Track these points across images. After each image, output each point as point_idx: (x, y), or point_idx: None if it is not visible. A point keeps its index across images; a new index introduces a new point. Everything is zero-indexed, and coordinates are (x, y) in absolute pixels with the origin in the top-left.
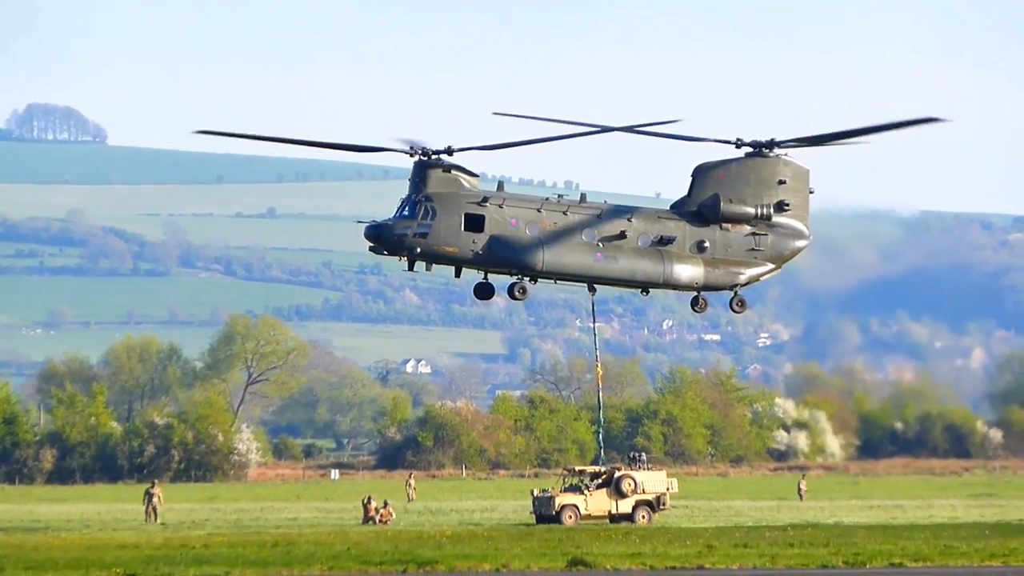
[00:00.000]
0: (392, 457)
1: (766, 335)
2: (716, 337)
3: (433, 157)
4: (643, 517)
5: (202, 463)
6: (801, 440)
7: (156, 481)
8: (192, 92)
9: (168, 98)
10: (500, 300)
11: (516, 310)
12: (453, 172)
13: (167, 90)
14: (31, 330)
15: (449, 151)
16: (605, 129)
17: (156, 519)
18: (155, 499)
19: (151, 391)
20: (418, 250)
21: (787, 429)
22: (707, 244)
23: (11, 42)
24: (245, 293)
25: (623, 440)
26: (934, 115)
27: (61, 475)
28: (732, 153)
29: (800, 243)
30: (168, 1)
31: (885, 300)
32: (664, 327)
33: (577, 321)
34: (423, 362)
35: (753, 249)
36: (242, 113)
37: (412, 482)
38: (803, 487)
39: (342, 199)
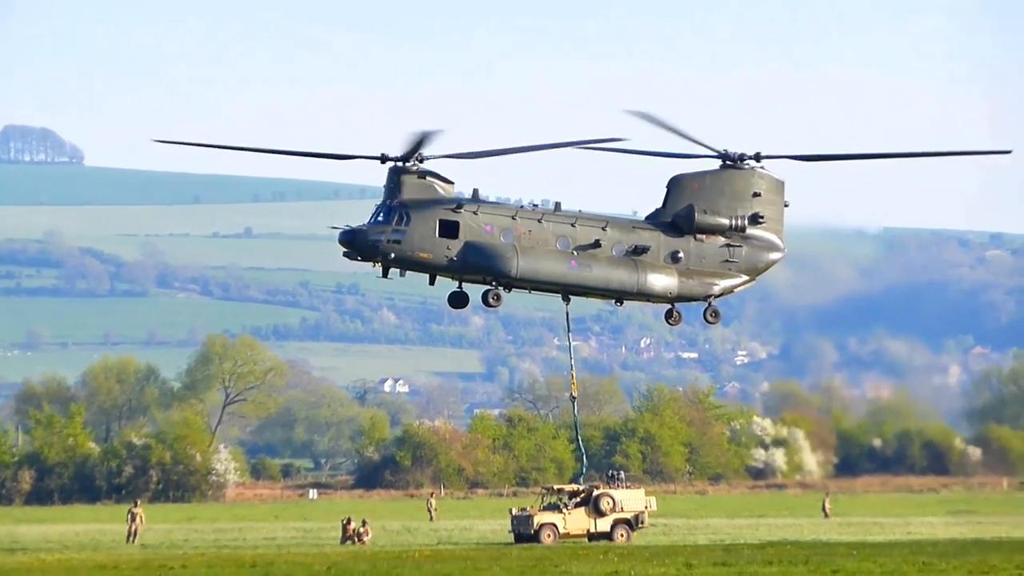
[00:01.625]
0: (370, 477)
1: (744, 353)
2: (694, 355)
3: (408, 164)
4: (622, 535)
5: (180, 483)
6: (779, 457)
7: (138, 501)
8: (169, 113)
9: (145, 119)
10: (478, 319)
11: (494, 329)
12: (428, 178)
13: (143, 111)
14: (8, 351)
15: (420, 158)
16: (562, 145)
17: (136, 540)
18: (137, 519)
19: (129, 412)
20: (392, 256)
21: (765, 447)
22: (681, 255)
23: None
24: (222, 313)
25: (601, 458)
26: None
27: (39, 496)
28: (708, 165)
29: (774, 255)
30: (145, 23)
31: (863, 317)
32: (642, 345)
33: (555, 340)
34: (401, 381)
35: (727, 260)
36: (220, 133)
37: (433, 501)
38: (828, 505)
39: (319, 218)
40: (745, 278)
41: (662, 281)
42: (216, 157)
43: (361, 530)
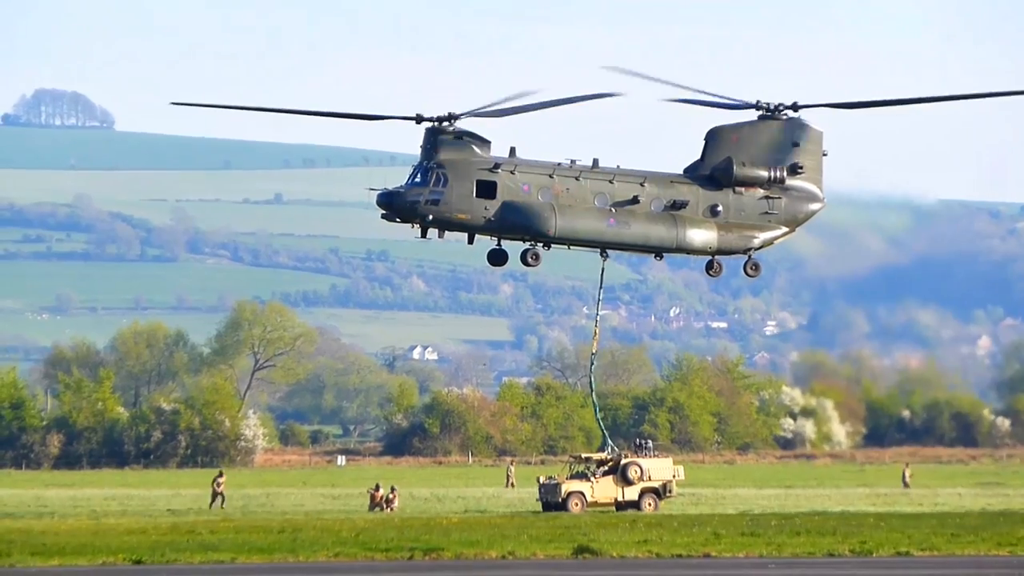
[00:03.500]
0: (398, 444)
1: (773, 323)
2: (723, 325)
3: (444, 124)
4: (649, 504)
5: (209, 449)
6: (808, 428)
7: (223, 471)
8: (201, 78)
9: (176, 84)
10: (507, 287)
11: (523, 297)
12: (464, 138)
13: (175, 75)
14: (38, 315)
15: (451, 117)
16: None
17: (222, 503)
18: (221, 486)
19: (158, 377)
20: (430, 217)
21: (794, 417)
22: (720, 208)
23: (19, 27)
24: (252, 279)
25: (629, 428)
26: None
27: (68, 460)
28: (746, 116)
29: (814, 206)
30: None
31: (893, 288)
32: (671, 314)
33: (584, 308)
34: (430, 349)
35: (767, 212)
36: (251, 96)
37: (512, 468)
38: (908, 474)
39: (349, 185)
40: (785, 229)
41: (701, 236)
42: (246, 123)
43: (390, 496)
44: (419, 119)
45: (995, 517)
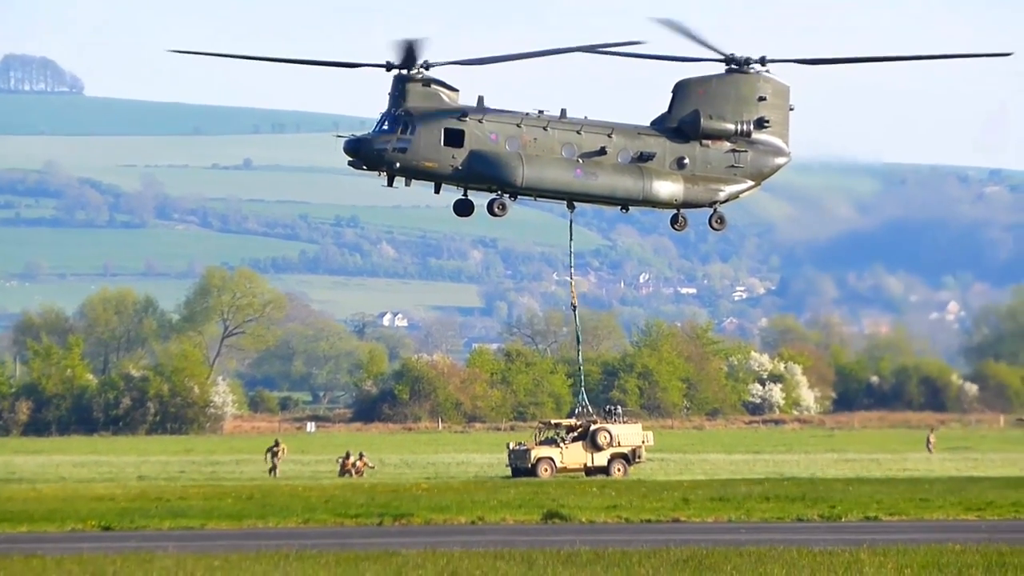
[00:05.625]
0: (368, 410)
1: (742, 288)
2: (692, 291)
3: (413, 72)
4: (619, 470)
5: (178, 416)
6: (776, 393)
7: (279, 440)
8: (170, 43)
9: (145, 49)
10: (477, 253)
11: (493, 263)
12: (433, 86)
13: (144, 41)
14: (7, 282)
15: (426, 65)
16: (571, 50)
17: (276, 473)
18: (280, 454)
19: (127, 343)
20: (397, 165)
21: (763, 382)
22: (687, 160)
23: None
24: (221, 245)
25: (599, 393)
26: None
27: (37, 427)
28: (713, 69)
29: (780, 160)
30: None
31: (861, 254)
32: (640, 280)
33: (554, 275)
34: (399, 315)
35: (733, 166)
36: (219, 67)
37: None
38: (932, 440)
39: (319, 151)
40: (751, 183)
41: (668, 188)
42: (216, 88)
43: (359, 463)
44: (389, 66)
45: (963, 482)
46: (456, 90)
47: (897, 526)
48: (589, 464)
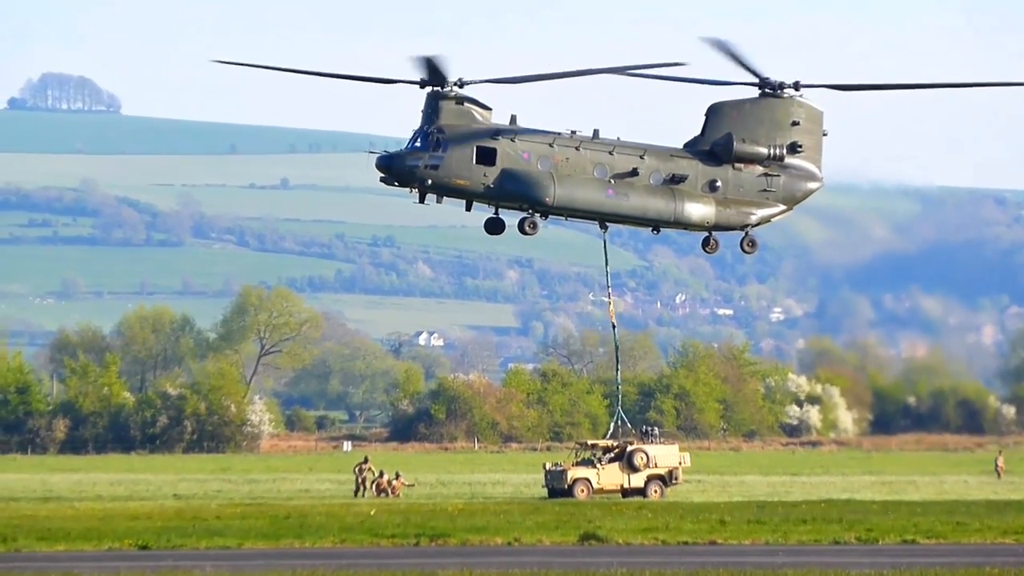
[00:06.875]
0: (404, 429)
1: (779, 310)
2: (729, 312)
3: (445, 89)
4: (655, 491)
5: (214, 434)
6: (814, 415)
7: (368, 456)
8: (206, 63)
9: (182, 68)
10: (513, 273)
11: (528, 283)
12: (466, 104)
13: (181, 60)
14: (44, 300)
15: (460, 83)
16: (611, 70)
17: (365, 493)
18: (367, 472)
19: (164, 362)
20: (428, 182)
21: (800, 404)
22: (719, 184)
23: (26, 10)
24: (258, 264)
25: (635, 414)
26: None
27: (73, 445)
28: (746, 93)
29: (812, 185)
30: None
31: (898, 275)
32: (677, 301)
33: (590, 295)
34: (436, 335)
35: (765, 190)
36: (256, 86)
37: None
38: (1001, 463)
39: (355, 170)
40: (783, 207)
41: (699, 210)
42: (252, 107)
43: (395, 483)
44: (423, 83)
45: (1001, 505)
46: (489, 108)
47: (935, 549)
48: (626, 485)
